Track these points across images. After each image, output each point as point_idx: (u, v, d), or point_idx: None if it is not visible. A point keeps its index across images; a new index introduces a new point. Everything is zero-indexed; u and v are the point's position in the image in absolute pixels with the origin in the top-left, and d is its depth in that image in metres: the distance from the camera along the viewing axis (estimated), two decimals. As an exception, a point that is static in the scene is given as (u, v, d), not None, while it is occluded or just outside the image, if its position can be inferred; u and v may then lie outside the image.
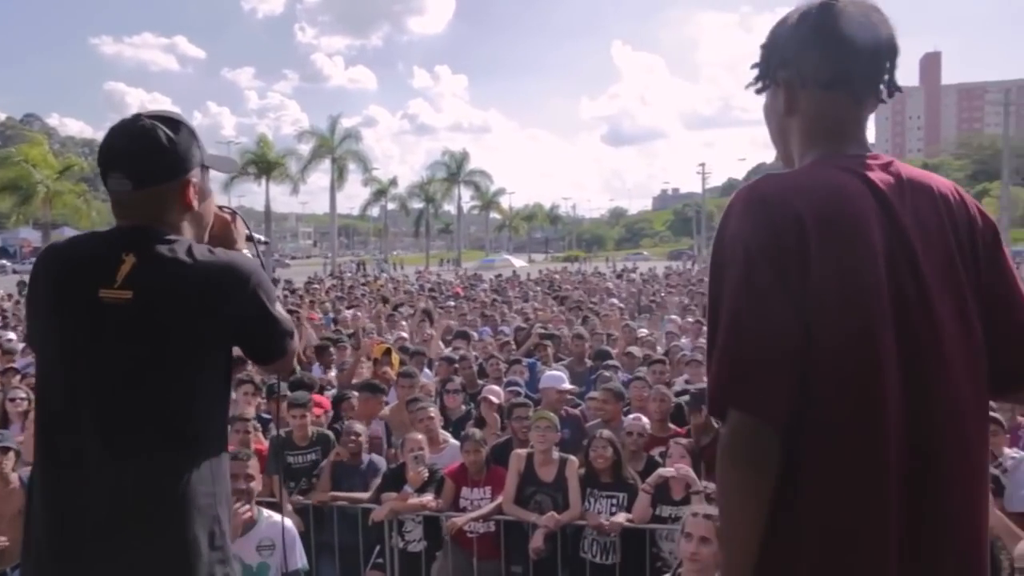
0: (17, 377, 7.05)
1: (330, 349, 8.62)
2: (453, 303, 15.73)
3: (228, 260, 1.87)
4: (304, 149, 50.64)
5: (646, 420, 5.41)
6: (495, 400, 6.14)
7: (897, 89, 1.57)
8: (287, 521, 4.23)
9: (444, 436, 5.80)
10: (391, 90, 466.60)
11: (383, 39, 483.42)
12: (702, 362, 7.49)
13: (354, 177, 55.12)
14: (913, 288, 1.43)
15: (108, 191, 1.90)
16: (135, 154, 1.85)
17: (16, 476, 4.39)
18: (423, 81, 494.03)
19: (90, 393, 1.79)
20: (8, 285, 27.92)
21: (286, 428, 5.46)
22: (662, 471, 4.71)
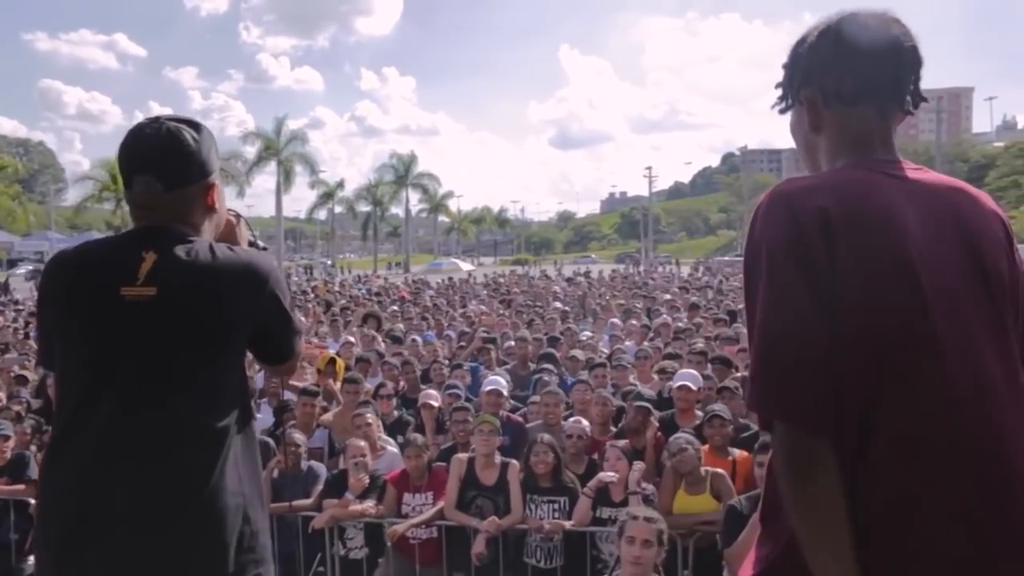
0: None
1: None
2: (398, 307, 15.68)
3: (249, 258, 1.90)
4: (250, 151, 49.81)
5: (586, 423, 5.46)
6: (434, 404, 6.14)
7: (923, 99, 1.55)
8: None
9: (383, 442, 5.78)
10: (338, 92, 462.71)
11: (330, 40, 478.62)
12: (631, 366, 7.58)
13: (301, 180, 54.50)
14: (940, 284, 1.38)
15: (132, 194, 1.90)
16: (164, 156, 1.86)
17: None
18: (370, 83, 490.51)
19: (115, 393, 1.77)
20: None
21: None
22: (603, 476, 4.75)
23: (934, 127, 52.39)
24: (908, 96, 1.53)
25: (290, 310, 1.96)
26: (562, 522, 4.72)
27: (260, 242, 2.44)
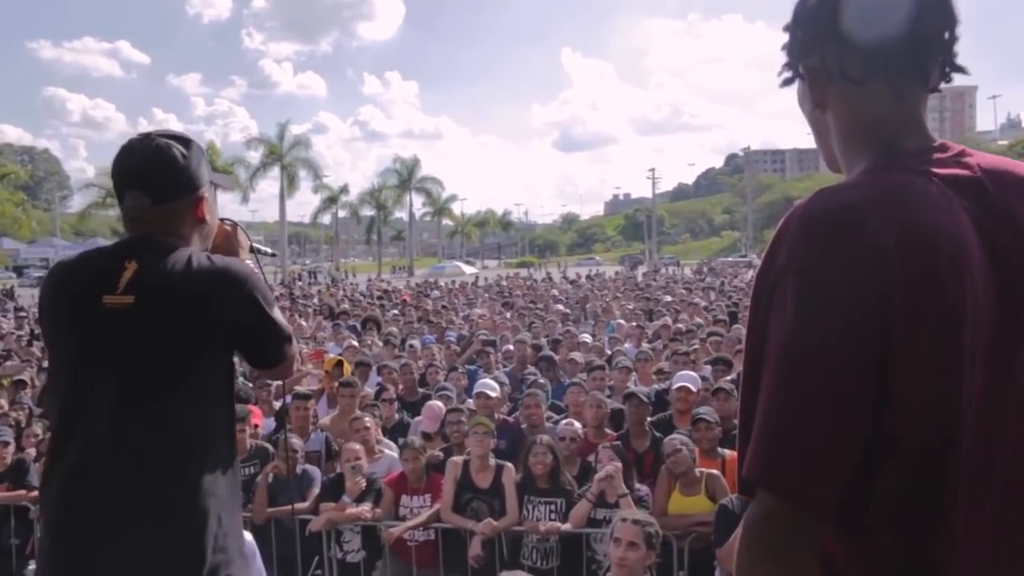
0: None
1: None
2: (400, 311, 15.71)
3: (224, 265, 1.95)
4: (253, 156, 50.33)
5: (578, 425, 5.48)
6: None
7: (958, 70, 1.26)
8: (246, 535, 4.21)
9: (381, 446, 5.81)
10: (341, 96, 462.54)
11: (332, 45, 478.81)
12: (631, 368, 7.57)
13: (304, 184, 54.89)
14: (1000, 292, 1.13)
15: (124, 208, 2.00)
16: (153, 172, 1.95)
17: None
18: (373, 87, 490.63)
19: (97, 399, 1.84)
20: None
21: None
22: (599, 476, 4.75)
23: (937, 126, 52.38)
24: (937, 68, 1.25)
25: (272, 314, 2.00)
26: (557, 524, 4.74)
27: (264, 247, 2.51)
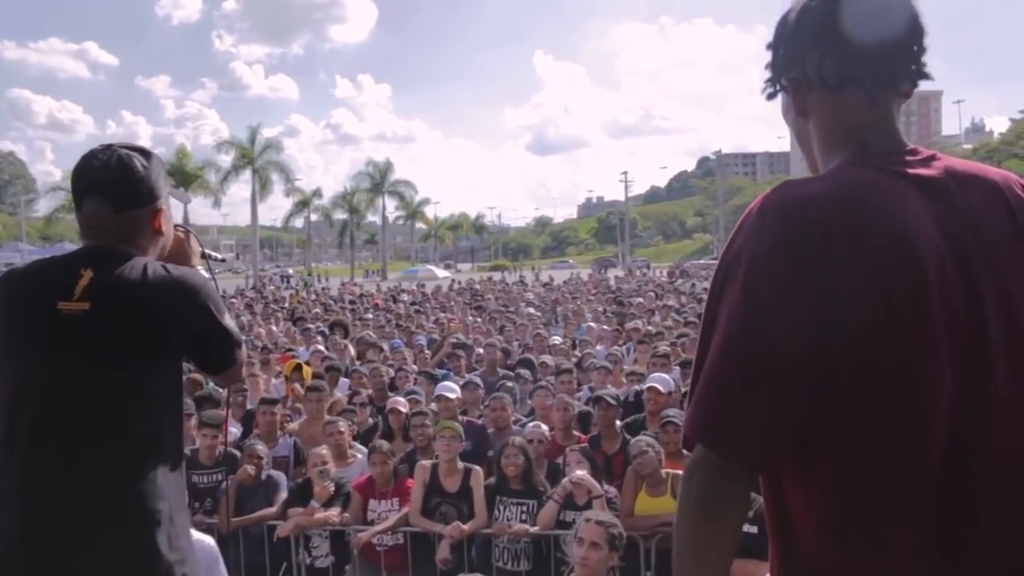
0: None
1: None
2: (371, 315, 15.67)
3: (179, 275, 2.01)
4: (224, 160, 49.78)
5: (545, 427, 5.51)
6: (403, 410, 6.17)
7: (924, 77, 1.37)
8: (207, 540, 4.18)
9: (354, 450, 5.80)
10: (313, 99, 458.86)
11: (304, 47, 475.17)
12: (610, 369, 7.66)
13: (277, 188, 54.20)
14: (964, 291, 1.21)
15: (82, 215, 2.04)
16: (115, 180, 2.00)
17: None
18: (346, 90, 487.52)
19: (48, 404, 1.88)
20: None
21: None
22: (568, 480, 4.79)
23: (904, 129, 52.95)
24: (907, 75, 1.36)
25: (223, 321, 2.05)
26: (526, 526, 4.76)
27: (215, 253, 2.56)
